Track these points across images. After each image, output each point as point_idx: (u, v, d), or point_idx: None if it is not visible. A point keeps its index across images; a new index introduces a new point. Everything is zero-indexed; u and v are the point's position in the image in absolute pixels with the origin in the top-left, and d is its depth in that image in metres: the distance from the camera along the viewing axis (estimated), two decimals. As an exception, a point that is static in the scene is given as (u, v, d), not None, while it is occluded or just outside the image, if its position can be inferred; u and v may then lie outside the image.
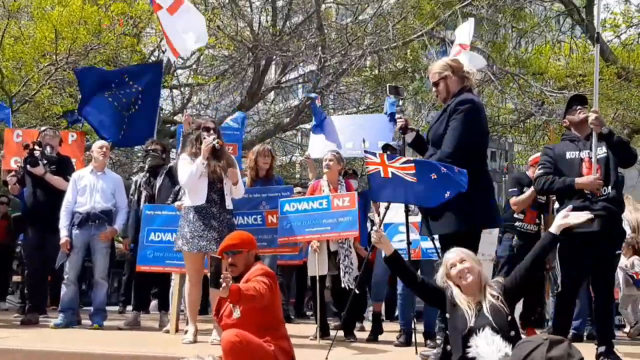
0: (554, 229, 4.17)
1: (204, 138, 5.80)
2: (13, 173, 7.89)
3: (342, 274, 6.36)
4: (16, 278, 10.91)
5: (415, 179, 4.66)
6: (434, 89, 5.02)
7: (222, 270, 4.00)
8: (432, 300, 4.32)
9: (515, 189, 7.02)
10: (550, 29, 16.09)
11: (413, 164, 4.71)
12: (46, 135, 7.66)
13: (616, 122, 13.75)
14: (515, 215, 7.03)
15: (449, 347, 3.93)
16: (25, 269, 7.64)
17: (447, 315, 4.04)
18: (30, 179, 7.47)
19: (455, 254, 4.14)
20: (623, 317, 8.58)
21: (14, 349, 5.14)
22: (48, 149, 7.54)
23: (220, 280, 3.87)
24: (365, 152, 5.08)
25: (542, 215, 7.15)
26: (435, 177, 4.55)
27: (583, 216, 4.22)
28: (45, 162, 7.42)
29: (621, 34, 14.16)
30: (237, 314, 4.17)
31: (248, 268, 4.28)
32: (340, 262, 6.39)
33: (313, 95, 9.18)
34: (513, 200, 6.99)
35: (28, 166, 7.37)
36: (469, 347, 3.70)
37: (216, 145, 5.75)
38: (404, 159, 4.82)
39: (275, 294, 4.19)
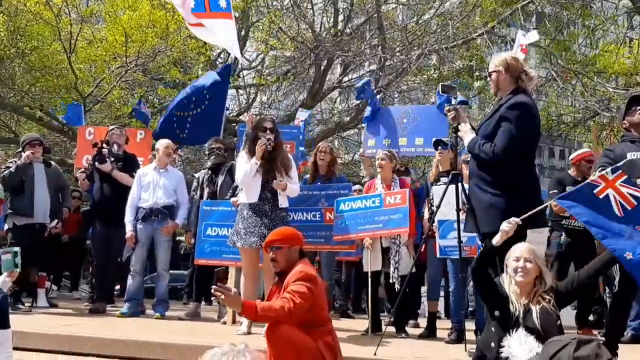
0: None
1: (260, 138, 5.89)
2: (82, 169, 8.26)
3: (392, 269, 6.36)
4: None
5: (621, 213, 4.11)
6: (488, 78, 4.96)
7: (222, 282, 4.06)
8: (486, 294, 4.23)
9: (556, 190, 6.84)
10: (618, 27, 15.52)
11: (635, 202, 4.14)
12: (113, 134, 7.95)
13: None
14: (562, 213, 6.86)
15: (492, 344, 3.87)
16: (94, 260, 7.90)
17: (497, 310, 3.99)
18: (98, 176, 7.77)
19: (526, 249, 4.08)
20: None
21: (78, 335, 5.37)
22: (115, 147, 7.82)
23: (212, 292, 3.93)
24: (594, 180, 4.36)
25: None
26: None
27: None
28: (112, 159, 7.70)
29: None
30: None
31: (291, 264, 4.31)
32: (392, 258, 6.38)
33: (365, 80, 9.05)
34: (554, 203, 6.72)
35: (96, 163, 7.68)
36: (502, 346, 3.65)
37: (268, 147, 5.82)
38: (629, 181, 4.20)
39: (316, 295, 4.18)
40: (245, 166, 5.86)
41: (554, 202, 4.58)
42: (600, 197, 4.17)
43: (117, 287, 9.71)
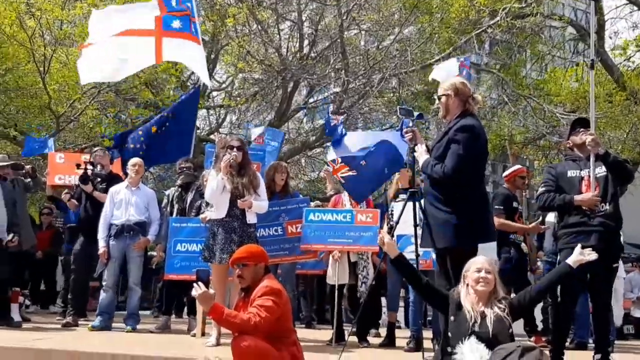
0: (571, 262, 4.27)
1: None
2: (67, 190, 8.32)
3: (359, 283, 6.43)
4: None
5: (355, 171, 5.28)
6: (437, 102, 5.08)
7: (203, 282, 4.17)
8: (435, 303, 4.37)
9: (502, 207, 6.99)
10: (564, 52, 16.00)
11: (342, 163, 5.31)
12: (97, 155, 8.11)
13: (627, 143, 13.59)
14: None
15: (449, 349, 3.96)
16: (72, 274, 7.83)
17: (452, 318, 4.08)
18: (84, 194, 7.85)
19: (486, 261, 4.20)
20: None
21: (49, 349, 5.30)
22: (99, 167, 7.94)
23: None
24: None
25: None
26: (365, 163, 5.25)
27: (593, 255, 4.30)
28: (98, 179, 7.80)
29: (630, 57, 14.00)
30: None
31: (256, 281, 4.33)
32: (359, 272, 6.46)
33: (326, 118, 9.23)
34: (498, 221, 6.73)
35: (80, 183, 7.75)
36: (455, 353, 3.75)
37: (232, 162, 5.84)
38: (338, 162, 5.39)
39: (281, 307, 4.21)
40: (213, 183, 5.88)
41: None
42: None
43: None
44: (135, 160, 7.55)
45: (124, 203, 7.30)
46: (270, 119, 16.65)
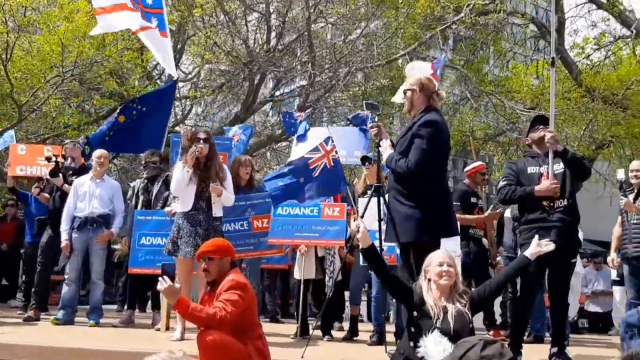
0: (528, 254, 4.35)
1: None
2: (36, 184, 8.32)
3: (327, 278, 6.46)
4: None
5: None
6: (402, 96, 5.12)
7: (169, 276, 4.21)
8: (400, 296, 4.39)
9: (459, 203, 7.08)
10: (525, 50, 16.26)
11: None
12: (67, 148, 8.08)
13: (583, 140, 13.90)
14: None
15: (411, 343, 4.01)
16: (38, 267, 7.69)
17: (415, 313, 4.11)
18: (54, 187, 7.77)
19: (446, 255, 4.23)
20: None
21: (12, 344, 5.20)
22: (69, 160, 7.88)
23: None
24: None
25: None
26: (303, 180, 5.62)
27: (551, 245, 4.40)
28: (70, 172, 7.71)
29: (589, 56, 14.30)
30: None
31: (222, 274, 4.33)
32: (327, 267, 6.48)
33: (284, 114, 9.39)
34: (459, 216, 6.65)
35: (49, 177, 7.69)
36: (419, 346, 3.81)
37: (197, 153, 5.79)
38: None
39: (247, 301, 4.22)
40: (178, 175, 5.83)
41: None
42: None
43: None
44: (99, 152, 7.43)
45: (87, 195, 7.18)
46: (237, 112, 16.55)
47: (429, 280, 4.15)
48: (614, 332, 9.52)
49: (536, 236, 4.50)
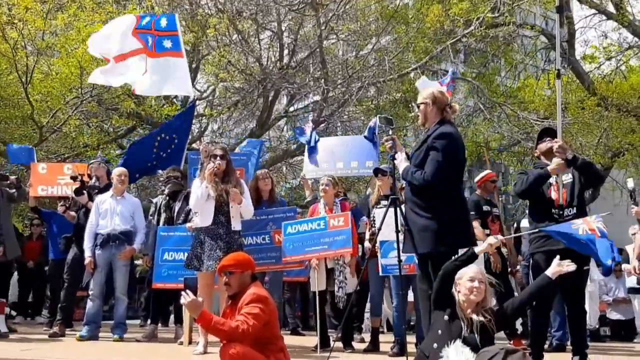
0: (549, 273, 4.36)
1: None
2: (62, 202, 8.45)
3: (336, 288, 6.47)
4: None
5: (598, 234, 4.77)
6: (416, 110, 5.15)
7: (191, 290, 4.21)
8: (445, 299, 4.32)
9: (473, 212, 7.09)
10: (536, 61, 16.26)
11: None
12: (92, 167, 8.23)
13: (599, 148, 13.84)
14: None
15: (435, 345, 4.03)
16: (65, 283, 7.78)
17: (446, 317, 4.15)
18: (79, 205, 7.91)
19: (478, 271, 4.26)
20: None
21: (38, 359, 5.27)
22: (94, 179, 8.03)
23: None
24: None
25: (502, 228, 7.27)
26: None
27: (572, 266, 4.39)
28: (96, 191, 7.81)
29: (600, 65, 14.27)
30: None
31: (243, 288, 4.36)
32: (336, 277, 6.50)
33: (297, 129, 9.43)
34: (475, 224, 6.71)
35: (74, 195, 7.84)
36: (441, 356, 3.82)
37: (215, 170, 5.88)
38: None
39: (268, 314, 4.23)
40: (197, 191, 5.92)
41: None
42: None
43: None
44: (120, 170, 7.53)
45: (109, 212, 7.27)
46: (252, 128, 16.68)
47: (459, 292, 4.20)
48: (638, 339, 9.40)
49: (557, 256, 4.49)
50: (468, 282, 4.17)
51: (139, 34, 8.02)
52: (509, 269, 7.50)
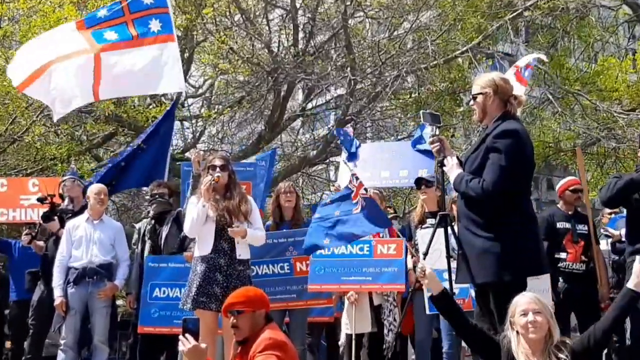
0: (632, 285, 4.19)
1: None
2: (27, 230, 8.24)
3: (385, 331, 6.42)
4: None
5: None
6: (471, 102, 5.09)
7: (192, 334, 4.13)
8: (484, 351, 4.36)
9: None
10: (618, 38, 16.12)
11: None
12: (64, 186, 8.12)
13: None
14: (557, 255, 7.03)
15: None
16: (30, 329, 7.86)
17: None
18: (49, 234, 7.87)
19: (532, 300, 4.18)
20: None
21: None
22: (66, 200, 7.98)
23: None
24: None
25: (588, 250, 7.15)
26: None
27: None
28: (69, 215, 7.77)
29: None
30: None
31: (255, 331, 4.36)
32: (384, 318, 6.45)
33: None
34: None
35: (41, 221, 7.77)
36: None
37: (213, 183, 5.85)
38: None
39: None
40: (193, 211, 5.89)
41: None
42: None
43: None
44: (98, 187, 7.58)
45: (84, 241, 7.30)
46: (260, 131, 16.72)
47: (517, 332, 4.11)
48: None
49: (637, 259, 4.36)
50: (521, 317, 4.10)
51: (106, 28, 8.06)
52: (600, 304, 7.34)
